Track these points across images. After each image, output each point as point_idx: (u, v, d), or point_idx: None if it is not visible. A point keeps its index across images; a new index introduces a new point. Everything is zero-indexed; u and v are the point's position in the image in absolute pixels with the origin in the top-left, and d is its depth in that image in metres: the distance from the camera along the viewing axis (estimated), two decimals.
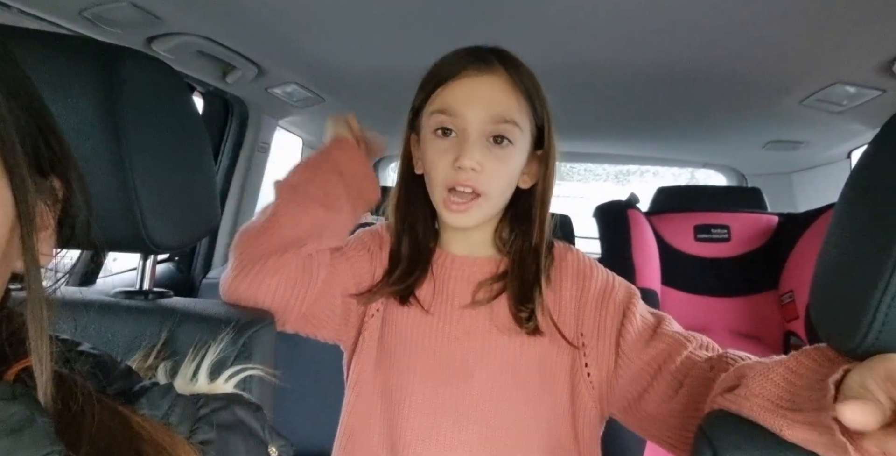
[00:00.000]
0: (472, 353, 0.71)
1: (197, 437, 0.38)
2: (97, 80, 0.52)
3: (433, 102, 0.68)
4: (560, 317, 0.71)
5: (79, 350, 0.41)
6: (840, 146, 1.92)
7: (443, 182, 0.67)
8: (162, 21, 1.08)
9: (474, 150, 0.65)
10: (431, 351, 0.71)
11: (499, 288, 0.72)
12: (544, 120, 0.70)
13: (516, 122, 0.66)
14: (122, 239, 0.56)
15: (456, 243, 0.77)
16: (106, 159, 0.53)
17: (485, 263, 0.75)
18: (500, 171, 0.67)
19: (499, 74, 0.66)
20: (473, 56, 0.67)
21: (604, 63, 1.27)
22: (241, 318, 0.58)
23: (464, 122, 0.66)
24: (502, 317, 0.71)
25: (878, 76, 1.17)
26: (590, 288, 0.72)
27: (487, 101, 0.66)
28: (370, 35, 1.16)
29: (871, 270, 0.41)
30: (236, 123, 1.78)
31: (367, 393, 0.74)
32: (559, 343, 0.71)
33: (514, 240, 0.74)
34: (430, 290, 0.74)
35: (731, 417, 0.48)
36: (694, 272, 1.70)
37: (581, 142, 2.32)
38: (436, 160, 0.67)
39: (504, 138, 0.67)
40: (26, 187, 0.32)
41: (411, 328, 0.73)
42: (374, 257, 0.78)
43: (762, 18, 0.99)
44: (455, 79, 0.66)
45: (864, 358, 0.43)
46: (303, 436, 0.68)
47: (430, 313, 0.73)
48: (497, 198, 0.69)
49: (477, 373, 0.70)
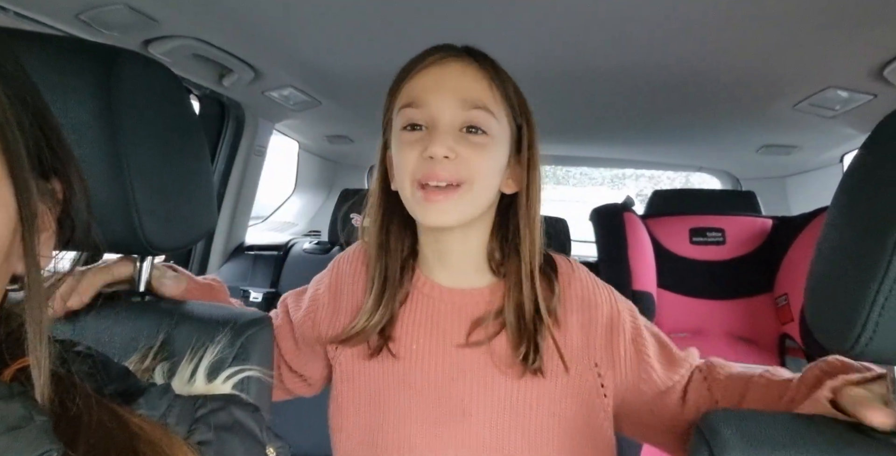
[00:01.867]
0: (470, 391, 0.65)
1: (195, 437, 0.38)
2: (94, 81, 0.52)
3: (399, 99, 0.63)
4: (568, 350, 0.65)
5: (76, 351, 0.41)
6: (833, 150, 1.93)
7: (411, 175, 0.60)
8: (158, 24, 1.08)
9: (446, 137, 0.58)
10: (426, 394, 0.66)
11: (497, 326, 0.65)
12: (523, 119, 0.64)
13: (490, 109, 0.60)
14: (118, 240, 0.56)
15: (442, 270, 0.69)
16: (103, 160, 0.53)
17: (477, 294, 0.68)
18: (478, 157, 0.60)
19: (466, 61, 0.61)
20: (440, 48, 0.63)
21: (599, 68, 1.28)
22: (239, 319, 0.58)
23: (431, 111, 0.59)
24: (501, 353, 0.65)
25: (869, 81, 1.19)
26: (597, 318, 0.66)
27: (456, 85, 0.60)
28: (366, 38, 1.17)
29: (865, 273, 0.41)
30: (232, 127, 1.78)
31: (355, 439, 0.69)
32: (567, 376, 0.65)
33: (507, 260, 0.67)
34: (417, 327, 0.68)
35: (728, 417, 0.48)
36: (689, 275, 1.71)
37: (577, 145, 2.33)
38: (403, 154, 0.61)
39: (479, 128, 0.60)
40: (29, 190, 0.32)
41: (401, 372, 0.67)
42: (335, 304, 0.72)
43: (755, 24, 0.99)
44: (419, 69, 0.61)
45: (858, 358, 0.44)
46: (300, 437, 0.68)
47: (419, 353, 0.66)
48: (481, 188, 0.61)
49: (475, 411, 0.64)
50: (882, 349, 0.42)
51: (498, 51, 0.70)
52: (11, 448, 0.28)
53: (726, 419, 0.47)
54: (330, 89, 1.59)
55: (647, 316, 1.61)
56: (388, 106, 0.66)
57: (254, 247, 2.07)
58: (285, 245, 2.11)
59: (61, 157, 0.37)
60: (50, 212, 0.36)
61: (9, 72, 0.32)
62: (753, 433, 0.46)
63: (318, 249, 2.07)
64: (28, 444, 0.28)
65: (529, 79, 0.65)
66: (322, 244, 2.09)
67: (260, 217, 2.62)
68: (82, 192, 0.39)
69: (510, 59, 0.67)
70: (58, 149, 0.36)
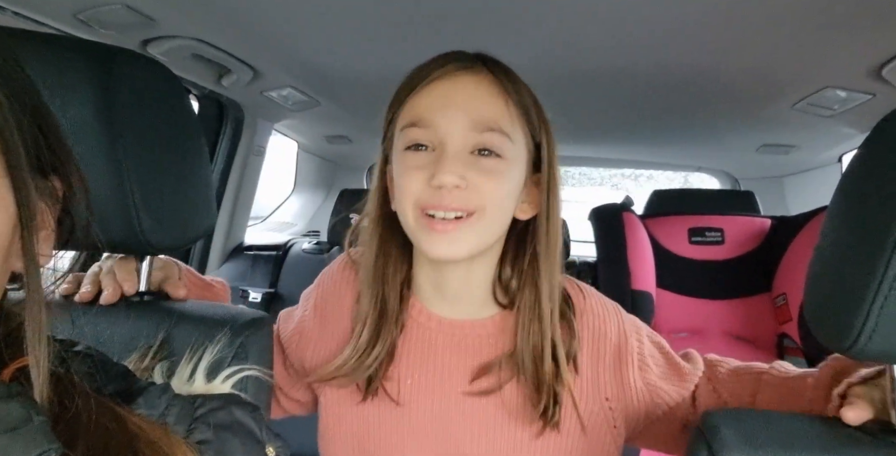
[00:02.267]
0: (470, 434, 0.59)
1: (194, 437, 0.38)
2: (93, 80, 0.52)
3: (402, 116, 0.55)
4: (579, 390, 0.59)
5: (75, 350, 0.41)
6: (831, 150, 1.93)
7: (415, 202, 0.53)
8: (157, 23, 1.08)
9: (455, 163, 0.51)
10: (422, 438, 0.60)
11: (509, 371, 0.58)
12: (542, 135, 0.57)
13: (505, 130, 0.53)
14: (118, 240, 0.56)
15: (439, 299, 0.61)
16: (102, 160, 0.52)
17: (479, 326, 0.61)
18: (491, 184, 0.53)
19: (482, 74, 0.54)
20: (451, 58, 0.55)
21: (597, 68, 1.28)
22: (238, 319, 0.58)
23: (439, 134, 0.53)
24: (513, 403, 0.58)
25: (868, 80, 1.19)
26: (605, 348, 0.60)
27: (467, 104, 0.53)
28: (365, 38, 1.17)
29: (863, 272, 0.42)
30: (231, 127, 1.78)
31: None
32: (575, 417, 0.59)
33: (520, 292, 0.59)
34: (412, 362, 0.61)
35: (728, 417, 0.48)
36: (688, 275, 1.71)
37: (576, 145, 2.33)
38: (407, 178, 0.54)
39: (492, 151, 0.53)
40: (28, 188, 0.32)
41: (395, 414, 0.60)
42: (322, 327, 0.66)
43: (754, 24, 1.00)
44: (426, 84, 0.54)
45: (856, 358, 0.44)
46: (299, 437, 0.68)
47: (415, 395, 0.60)
48: (493, 217, 0.55)
49: (475, 453, 0.59)
50: (881, 348, 0.42)
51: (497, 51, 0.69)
52: (10, 448, 0.28)
53: (726, 419, 0.47)
54: (329, 89, 1.59)
55: (647, 316, 1.62)
56: (390, 119, 0.58)
57: (253, 247, 2.07)
58: (284, 245, 2.11)
59: (60, 156, 0.37)
60: (49, 210, 0.36)
61: (7, 71, 0.32)
62: (753, 433, 0.46)
63: (317, 249, 2.07)
64: (27, 444, 0.28)
65: (528, 79, 0.63)
66: (321, 244, 2.09)
67: (259, 217, 2.62)
68: (82, 191, 0.39)
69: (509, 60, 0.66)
70: (56, 148, 0.36)
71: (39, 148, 0.34)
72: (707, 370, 0.66)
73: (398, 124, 0.56)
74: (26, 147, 0.32)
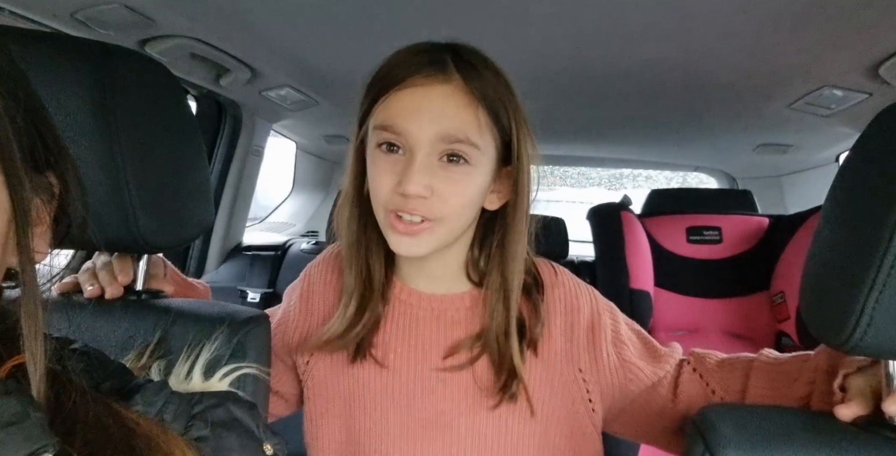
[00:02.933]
0: (451, 404, 0.63)
1: (191, 434, 0.38)
2: (90, 79, 0.52)
3: (376, 115, 0.57)
4: (550, 358, 0.64)
5: (72, 348, 0.41)
6: (829, 149, 1.94)
7: (384, 205, 0.57)
8: (155, 23, 1.08)
9: (421, 175, 0.54)
10: (405, 405, 0.63)
11: (479, 349, 0.63)
12: (512, 132, 0.58)
13: (473, 142, 0.55)
14: (115, 238, 0.56)
15: (418, 277, 0.66)
16: (99, 158, 0.52)
17: (457, 300, 0.65)
18: (454, 195, 0.56)
19: (453, 83, 0.55)
20: (425, 58, 0.56)
21: (595, 68, 1.28)
22: (235, 317, 0.58)
23: (409, 140, 0.55)
24: (482, 376, 0.63)
25: (865, 80, 1.19)
26: (579, 322, 0.65)
27: (437, 115, 0.54)
28: (364, 37, 1.17)
29: (858, 268, 0.42)
30: (230, 127, 1.78)
31: (331, 449, 0.67)
32: (552, 384, 0.64)
33: (488, 272, 0.63)
34: (395, 335, 0.65)
35: (724, 411, 0.48)
36: (686, 274, 1.71)
37: (574, 145, 2.33)
38: (378, 180, 0.57)
39: (460, 157, 0.56)
40: (22, 184, 0.32)
41: (379, 382, 0.64)
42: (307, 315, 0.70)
43: (751, 23, 1.00)
44: (400, 87, 0.55)
45: (850, 353, 0.44)
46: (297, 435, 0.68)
47: (398, 364, 0.64)
48: (455, 223, 0.59)
49: (456, 423, 0.63)
50: (876, 344, 0.42)
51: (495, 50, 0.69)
52: (7, 444, 0.28)
53: (722, 414, 0.48)
54: (327, 89, 1.59)
55: (645, 315, 1.63)
56: (366, 109, 0.60)
57: (251, 247, 2.07)
58: (283, 245, 2.11)
59: (56, 153, 0.37)
60: (45, 207, 0.36)
61: (1, 68, 0.32)
62: (749, 428, 0.46)
63: (316, 249, 2.07)
64: (24, 439, 0.28)
65: (526, 79, 0.64)
66: (320, 244, 2.09)
67: (257, 218, 2.61)
68: (77, 189, 0.39)
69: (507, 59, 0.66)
70: (52, 145, 0.36)
71: (34, 144, 0.34)
72: (694, 361, 0.67)
73: (371, 121, 0.58)
74: (21, 143, 0.32)
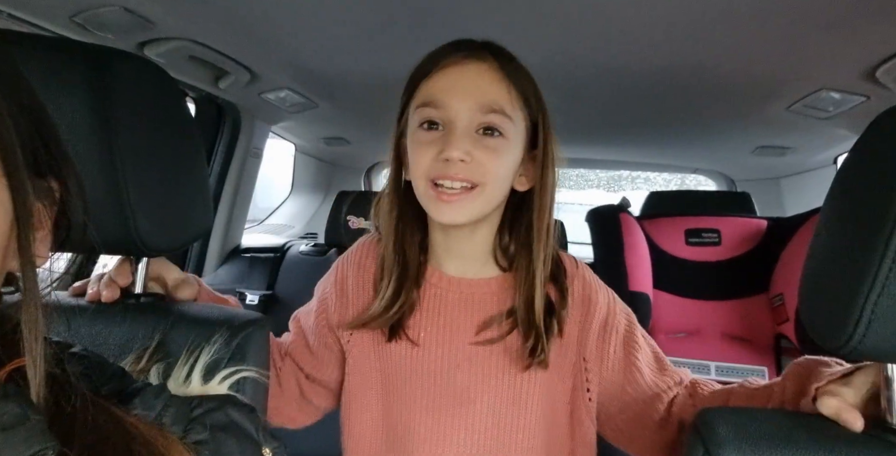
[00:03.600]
0: (475, 379, 0.67)
1: (190, 437, 0.38)
2: (89, 81, 0.52)
3: (417, 97, 0.63)
4: (564, 342, 0.68)
5: (71, 352, 0.41)
6: (827, 152, 1.94)
7: (425, 174, 0.62)
8: (154, 25, 1.08)
9: (463, 140, 0.60)
10: (432, 381, 0.68)
11: (510, 324, 0.67)
12: (539, 116, 0.65)
13: (507, 113, 0.61)
14: (113, 241, 0.56)
15: (451, 261, 0.71)
16: (97, 160, 0.52)
17: (484, 285, 0.70)
18: (493, 161, 0.61)
19: (487, 62, 0.62)
20: (459, 45, 0.63)
21: (594, 70, 1.29)
22: (235, 320, 0.58)
23: (449, 114, 0.60)
24: (513, 348, 0.67)
25: (862, 82, 1.20)
26: (594, 314, 0.69)
27: (474, 89, 0.60)
28: (363, 40, 1.17)
29: (857, 271, 0.42)
30: (229, 129, 1.78)
31: (368, 428, 0.71)
32: (562, 363, 0.68)
33: (517, 256, 0.68)
34: (426, 316, 0.69)
35: (723, 414, 0.48)
36: (685, 276, 1.71)
37: (573, 147, 2.33)
38: (419, 153, 0.62)
39: (495, 129, 0.61)
40: (25, 188, 0.32)
41: (410, 359, 0.69)
42: (342, 298, 0.74)
43: (749, 26, 1.00)
44: (439, 69, 0.62)
45: (850, 356, 0.44)
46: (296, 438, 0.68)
47: (429, 343, 0.68)
48: (493, 190, 0.63)
49: (479, 400, 0.67)
50: (874, 346, 0.42)
51: None
52: (7, 446, 0.28)
53: (721, 416, 0.48)
54: (326, 91, 1.59)
55: (644, 317, 1.63)
56: (406, 100, 0.66)
57: (250, 249, 2.07)
58: (282, 247, 2.11)
59: (57, 157, 0.37)
60: (46, 211, 0.36)
61: (4, 71, 0.32)
62: (748, 430, 0.46)
63: (315, 251, 2.07)
64: (24, 441, 0.28)
65: None
66: (319, 246, 2.09)
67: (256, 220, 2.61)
68: (78, 193, 0.39)
69: None
70: (54, 149, 0.36)
71: (36, 148, 0.34)
72: (691, 387, 0.69)
73: (413, 104, 0.64)
74: (23, 147, 0.32)
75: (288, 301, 1.94)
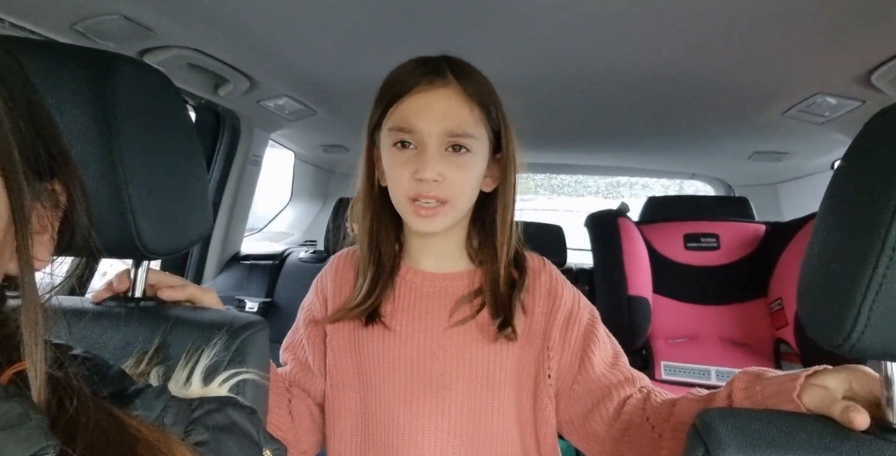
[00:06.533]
0: (450, 366, 0.72)
1: (191, 438, 0.38)
2: (90, 87, 0.52)
3: (389, 119, 0.69)
4: (530, 331, 0.74)
5: (72, 354, 0.41)
6: (823, 157, 1.95)
7: (405, 193, 0.68)
8: (154, 34, 1.09)
9: (433, 162, 0.66)
10: (409, 370, 0.72)
11: (479, 303, 0.74)
12: (500, 124, 0.71)
13: (472, 134, 0.68)
14: (114, 244, 0.56)
15: (425, 258, 0.77)
16: (98, 165, 0.53)
17: (457, 278, 0.76)
18: (461, 179, 0.68)
19: (452, 87, 0.67)
20: (425, 69, 0.68)
21: (592, 77, 1.29)
22: (234, 322, 0.58)
23: (422, 136, 0.66)
24: (483, 324, 0.73)
25: (857, 87, 1.20)
26: (559, 307, 0.75)
27: (442, 114, 0.66)
28: (361, 47, 1.18)
29: (854, 270, 0.42)
30: (228, 136, 1.79)
31: (348, 421, 0.75)
32: (528, 350, 0.73)
33: (483, 248, 0.76)
34: (401, 307, 0.75)
35: (724, 415, 0.48)
36: (684, 280, 1.71)
37: (571, 153, 2.34)
38: (397, 173, 0.68)
39: (462, 147, 0.68)
40: (22, 190, 0.32)
41: (386, 349, 0.73)
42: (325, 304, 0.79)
43: (744, 32, 1.01)
44: (409, 94, 0.67)
45: (849, 353, 0.45)
46: None
47: (403, 333, 0.73)
48: (462, 203, 0.71)
49: (454, 385, 0.72)
50: (873, 345, 0.42)
51: (490, 60, 0.71)
52: (8, 445, 0.28)
53: (722, 417, 0.48)
54: (325, 98, 1.60)
55: (643, 321, 1.63)
56: (378, 117, 0.71)
57: (249, 256, 2.07)
58: (281, 254, 2.11)
59: (59, 161, 0.37)
60: (49, 215, 0.36)
61: (6, 73, 0.32)
62: (749, 431, 0.46)
63: (314, 258, 2.07)
64: (25, 440, 0.28)
65: (522, 87, 0.67)
66: (318, 253, 2.09)
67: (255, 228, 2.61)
68: (81, 197, 0.39)
69: (502, 68, 0.68)
70: (55, 152, 0.36)
71: (37, 151, 0.34)
72: (645, 393, 0.71)
73: (386, 125, 0.69)
74: (22, 149, 0.32)
75: (287, 308, 1.94)
